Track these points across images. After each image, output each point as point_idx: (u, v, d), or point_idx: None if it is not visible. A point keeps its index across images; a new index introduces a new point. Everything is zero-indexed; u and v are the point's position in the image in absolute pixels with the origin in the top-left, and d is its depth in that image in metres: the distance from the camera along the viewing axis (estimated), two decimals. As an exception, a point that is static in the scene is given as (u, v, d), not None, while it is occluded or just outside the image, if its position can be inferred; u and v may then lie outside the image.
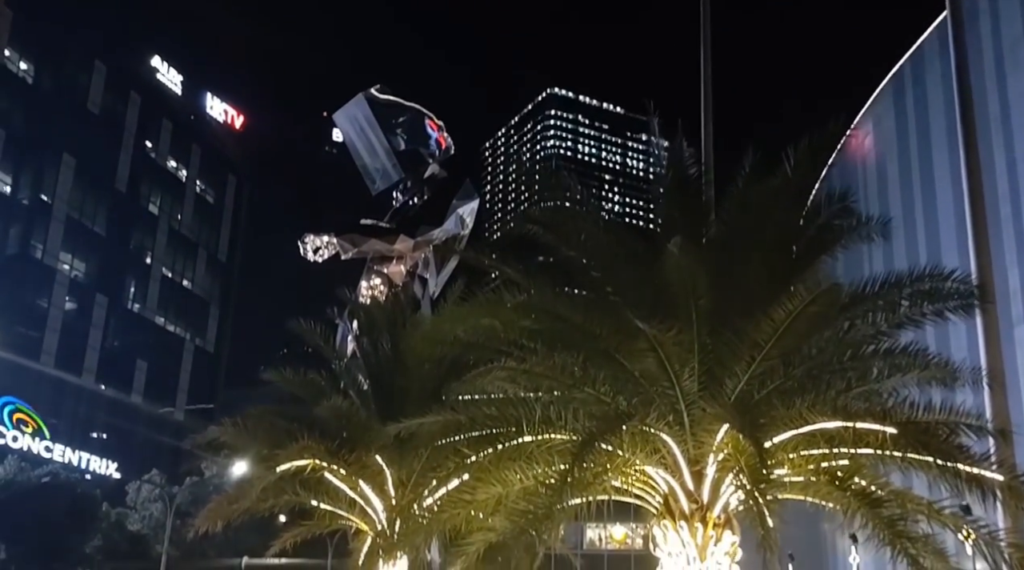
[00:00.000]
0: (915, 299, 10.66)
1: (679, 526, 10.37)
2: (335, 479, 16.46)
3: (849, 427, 9.22)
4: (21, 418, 55.64)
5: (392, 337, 17.89)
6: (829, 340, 10.70)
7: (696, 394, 9.87)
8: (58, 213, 66.84)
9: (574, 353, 10.08)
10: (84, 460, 58.58)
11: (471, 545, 10.87)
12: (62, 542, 35.54)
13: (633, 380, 10.20)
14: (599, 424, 9.37)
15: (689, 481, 10.37)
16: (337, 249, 32.15)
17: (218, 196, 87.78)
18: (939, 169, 46.19)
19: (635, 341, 9.68)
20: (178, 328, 79.73)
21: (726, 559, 10.36)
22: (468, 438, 9.91)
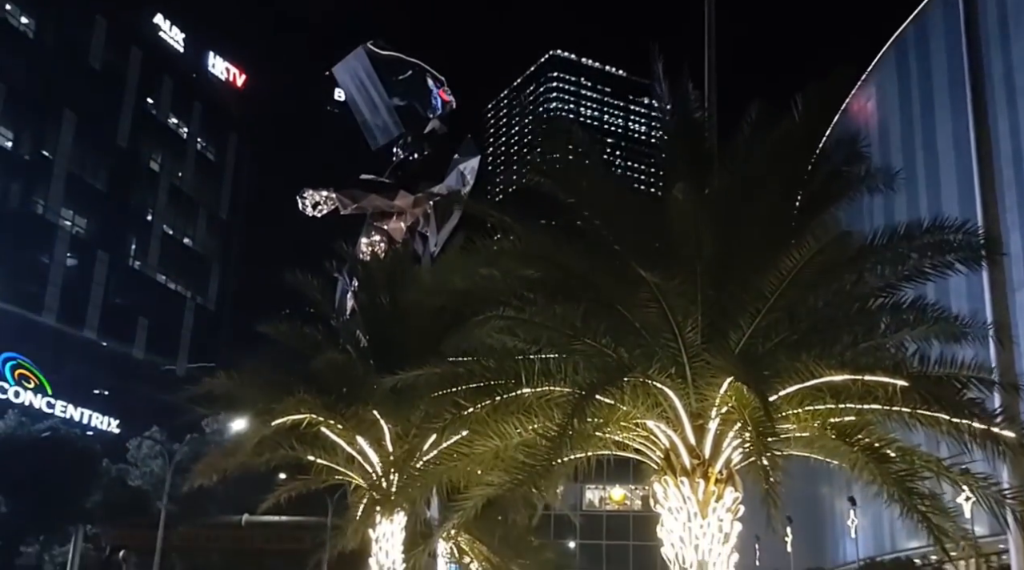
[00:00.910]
0: (925, 251, 10.32)
1: (680, 482, 10.14)
2: (332, 434, 16.29)
3: (857, 380, 8.93)
4: (23, 374, 55.76)
5: (391, 291, 17.63)
6: (836, 293, 10.39)
7: (699, 347, 9.58)
8: (59, 169, 66.51)
9: (575, 304, 9.79)
10: (86, 416, 58.81)
11: (469, 499, 10.69)
12: (62, 497, 35.61)
13: (635, 332, 9.92)
14: (599, 376, 9.09)
15: (691, 436, 10.13)
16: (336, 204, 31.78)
17: (219, 154, 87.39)
18: (941, 131, 45.81)
19: (637, 291, 9.38)
20: (179, 286, 79.73)
21: (728, 516, 10.14)
22: (466, 390, 9.64)
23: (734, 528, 10.19)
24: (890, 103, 49.18)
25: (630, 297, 9.55)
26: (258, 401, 15.81)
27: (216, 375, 16.66)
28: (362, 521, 16.22)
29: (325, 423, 15.84)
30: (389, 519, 16.57)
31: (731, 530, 10.16)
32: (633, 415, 10.06)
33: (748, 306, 9.58)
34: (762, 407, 7.91)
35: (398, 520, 16.66)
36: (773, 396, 8.60)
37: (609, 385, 9.02)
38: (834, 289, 10.36)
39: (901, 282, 10.53)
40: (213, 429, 41.15)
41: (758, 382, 8.26)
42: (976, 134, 14.41)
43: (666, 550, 10.28)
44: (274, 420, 14.98)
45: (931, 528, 8.63)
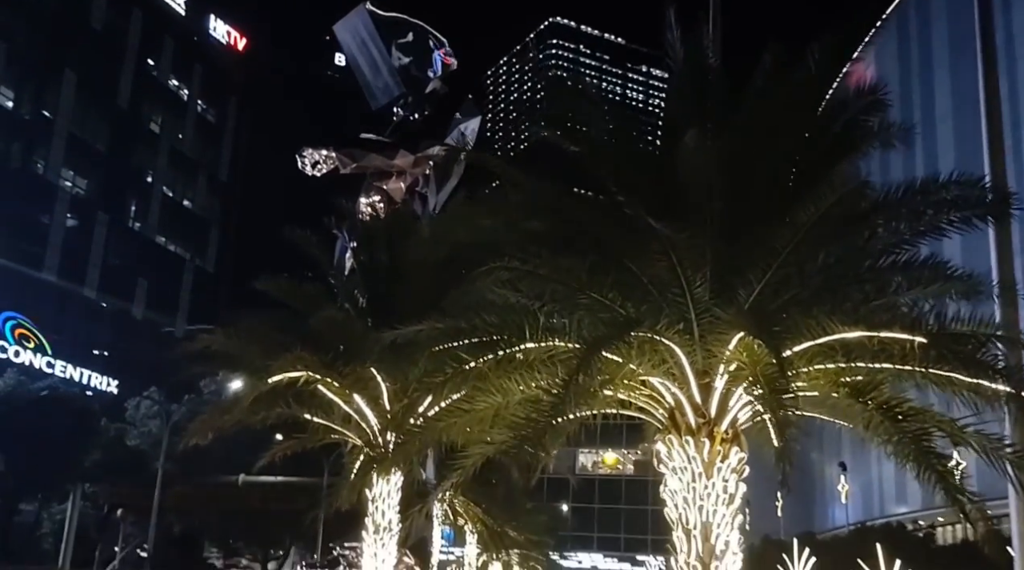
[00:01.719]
0: (941, 207, 9.97)
1: (685, 441, 9.87)
2: (329, 392, 16.03)
3: (872, 338, 8.61)
4: (23, 333, 55.71)
5: (390, 249, 17.30)
6: (849, 248, 10.05)
7: (708, 302, 9.27)
8: (59, 129, 66.05)
9: (580, 257, 9.45)
10: (85, 376, 58.85)
11: (468, 458, 10.44)
12: (61, 456, 35.56)
13: (641, 287, 9.59)
14: (606, 331, 8.77)
15: (697, 394, 9.84)
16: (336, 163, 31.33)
17: (220, 117, 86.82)
18: (940, 91, 45.48)
19: (645, 244, 9.05)
20: (179, 248, 79.55)
21: (733, 476, 9.88)
22: (467, 345, 9.34)
23: (739, 489, 9.94)
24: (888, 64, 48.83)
25: (638, 250, 9.22)
26: (254, 359, 15.53)
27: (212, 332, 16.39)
28: (358, 480, 16.02)
29: (322, 381, 15.56)
30: (386, 479, 16.37)
31: (736, 491, 9.91)
32: (638, 372, 9.78)
33: (759, 261, 9.25)
34: (775, 363, 7.61)
35: (394, 480, 16.47)
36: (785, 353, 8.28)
37: (615, 340, 8.70)
38: (847, 245, 10.02)
39: (916, 237, 10.19)
40: (211, 390, 41.05)
41: (771, 337, 7.95)
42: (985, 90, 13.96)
43: (669, 511, 10.03)
44: (270, 378, 14.70)
45: (948, 488, 8.37)
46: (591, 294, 9.24)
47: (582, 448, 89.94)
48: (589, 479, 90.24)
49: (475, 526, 45.00)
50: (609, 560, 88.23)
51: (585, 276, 9.31)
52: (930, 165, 39.64)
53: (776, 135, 9.83)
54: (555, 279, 9.36)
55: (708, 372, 9.73)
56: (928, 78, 47.57)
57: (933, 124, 43.30)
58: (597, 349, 8.36)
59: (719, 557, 9.64)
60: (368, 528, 16.59)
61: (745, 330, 8.50)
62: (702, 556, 9.62)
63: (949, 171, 10.16)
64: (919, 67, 49.22)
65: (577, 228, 9.77)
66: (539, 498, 54.19)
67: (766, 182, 9.70)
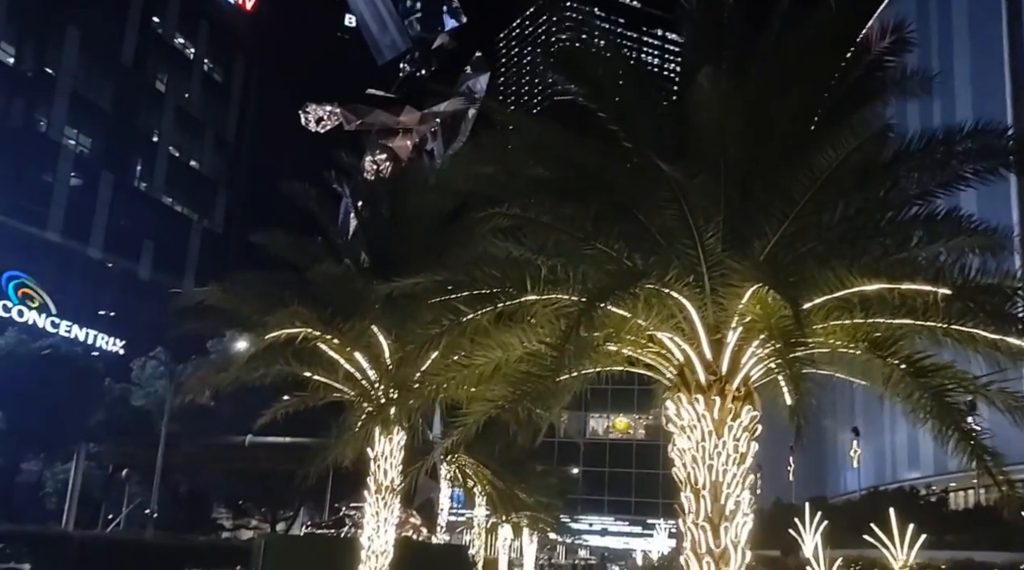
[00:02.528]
0: (965, 157, 9.44)
1: (694, 399, 9.46)
2: (329, 349, 15.66)
3: (894, 290, 8.13)
4: (27, 293, 55.47)
5: (392, 205, 16.84)
6: (868, 200, 9.54)
7: (720, 254, 8.80)
8: (62, 87, 65.29)
9: (585, 205, 8.97)
10: (91, 336, 58.69)
11: (469, 416, 10.06)
12: (64, 415, 35.43)
13: (649, 238, 9.12)
14: (611, 281, 8.31)
15: (707, 350, 9.40)
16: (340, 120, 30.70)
17: (226, 76, 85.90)
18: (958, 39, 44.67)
19: (655, 191, 8.56)
20: (185, 208, 79.12)
21: (745, 435, 9.47)
22: (467, 297, 8.90)
23: (751, 448, 9.54)
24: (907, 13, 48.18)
25: (647, 198, 8.73)
26: (251, 314, 15.14)
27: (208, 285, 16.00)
28: (359, 439, 15.70)
29: (321, 338, 15.18)
30: (388, 438, 16.07)
31: (748, 450, 9.51)
32: (646, 327, 9.34)
33: (775, 210, 8.76)
34: (792, 314, 7.16)
35: (397, 439, 16.16)
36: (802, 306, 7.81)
37: (621, 290, 8.24)
38: (866, 196, 9.50)
39: (938, 189, 9.67)
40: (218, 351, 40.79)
41: (788, 288, 7.49)
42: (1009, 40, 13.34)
43: (677, 471, 9.65)
44: (267, 334, 14.32)
45: (972, 447, 7.94)
46: (596, 245, 8.77)
47: (593, 412, 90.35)
48: (600, 443, 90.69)
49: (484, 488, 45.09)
50: (620, 523, 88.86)
51: (590, 225, 8.83)
52: (948, 116, 39.03)
53: (794, 79, 9.28)
54: (558, 228, 8.88)
55: (719, 327, 9.30)
56: (946, 28, 46.67)
57: (951, 74, 42.55)
58: (600, 300, 7.91)
59: (729, 518, 9.28)
60: (370, 487, 16.32)
61: (760, 281, 8.04)
62: (711, 516, 9.26)
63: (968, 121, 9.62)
64: (937, 17, 48.32)
65: (583, 175, 9.27)
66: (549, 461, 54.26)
67: (784, 127, 9.17)
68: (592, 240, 8.76)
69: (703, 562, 9.21)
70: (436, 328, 8.80)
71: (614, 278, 8.36)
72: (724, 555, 9.19)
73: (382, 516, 16.19)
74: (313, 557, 21.72)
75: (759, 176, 8.94)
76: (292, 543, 28.05)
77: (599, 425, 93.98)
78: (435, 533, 32.61)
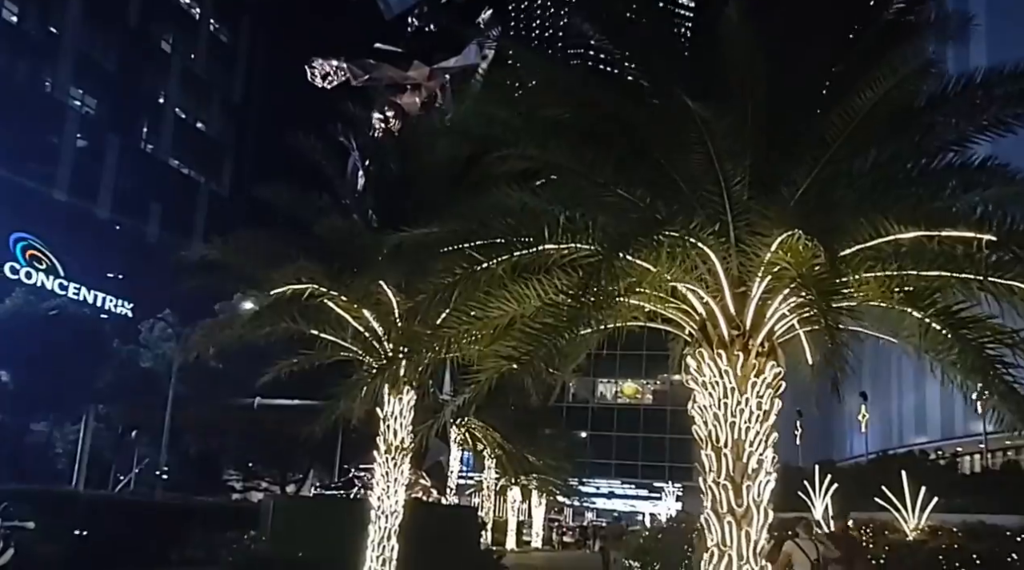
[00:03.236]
0: (1008, 101, 8.93)
1: (717, 354, 9.06)
2: (336, 307, 15.28)
3: (932, 237, 7.67)
4: (34, 254, 55.13)
5: (400, 158, 16.37)
6: (902, 146, 9.06)
7: (746, 202, 8.35)
8: (67, 47, 64.48)
9: (606, 150, 8.49)
10: (99, 299, 58.51)
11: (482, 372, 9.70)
12: (72, 376, 35.23)
13: (672, 185, 8.67)
14: (633, 227, 7.85)
15: (731, 304, 9.00)
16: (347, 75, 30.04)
17: (233, 37, 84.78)
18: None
19: (678, 135, 8.09)
20: (192, 171, 78.51)
21: (768, 392, 9.09)
22: (481, 246, 8.46)
23: (774, 405, 9.17)
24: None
25: (670, 143, 8.27)
26: (257, 270, 14.73)
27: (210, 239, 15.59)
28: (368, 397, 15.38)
29: (328, 295, 14.79)
30: (397, 398, 15.75)
31: (771, 407, 9.14)
32: (667, 279, 8.91)
33: (805, 156, 8.29)
34: (827, 262, 6.72)
35: (407, 399, 15.84)
36: (835, 253, 7.34)
37: (644, 237, 7.79)
38: (900, 142, 9.02)
39: (976, 134, 9.17)
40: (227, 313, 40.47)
41: (823, 233, 7.03)
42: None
43: (698, 428, 9.29)
44: (272, 290, 13.93)
45: (1019, 402, 7.51)
46: (617, 191, 8.32)
47: (601, 378, 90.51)
48: (608, 408, 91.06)
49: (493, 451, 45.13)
50: (626, 486, 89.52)
51: (611, 170, 8.36)
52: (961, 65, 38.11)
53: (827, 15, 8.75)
54: (577, 171, 8.42)
55: (744, 280, 8.87)
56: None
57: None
58: (622, 248, 7.47)
59: (751, 476, 8.93)
60: (380, 447, 16.04)
61: (793, 227, 7.57)
62: (733, 475, 8.91)
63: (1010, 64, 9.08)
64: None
65: (604, 118, 8.79)
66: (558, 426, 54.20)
67: (816, 66, 8.66)
68: (613, 186, 8.31)
69: (724, 521, 8.89)
70: (449, 277, 8.37)
71: (637, 225, 7.90)
72: (746, 514, 8.86)
73: (392, 476, 15.92)
74: (322, 518, 21.56)
75: (788, 119, 8.45)
76: (301, 504, 27.94)
77: (608, 390, 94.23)
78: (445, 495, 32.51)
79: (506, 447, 43.85)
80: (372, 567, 15.66)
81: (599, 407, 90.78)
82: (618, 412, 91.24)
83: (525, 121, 9.07)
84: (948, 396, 51.35)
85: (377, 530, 15.78)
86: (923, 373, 38.60)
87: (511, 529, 51.29)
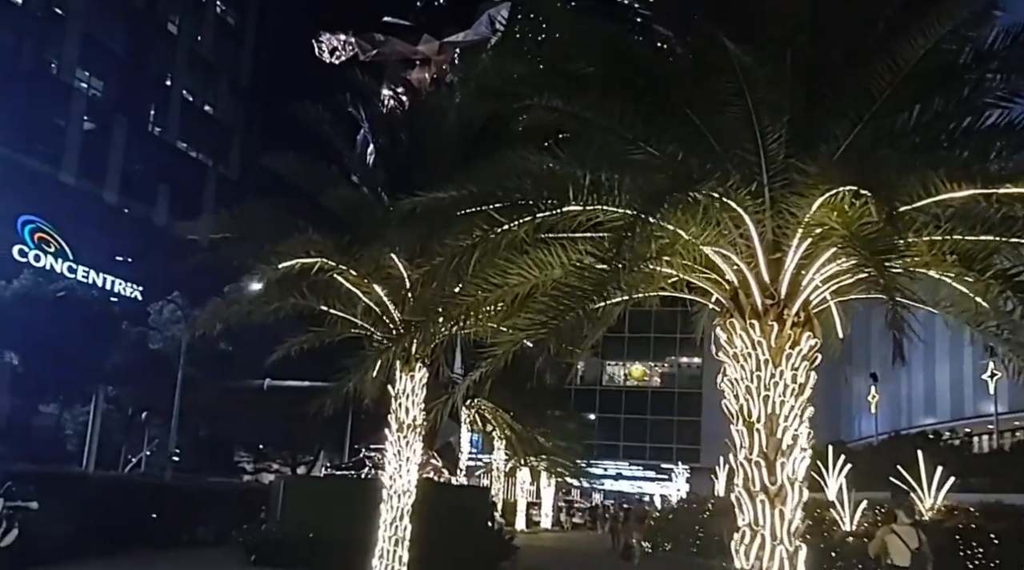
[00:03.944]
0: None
1: (749, 324, 8.56)
2: (346, 281, 14.80)
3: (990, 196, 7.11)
4: (43, 237, 54.89)
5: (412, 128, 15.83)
6: (948, 102, 8.50)
7: (783, 161, 7.82)
8: (73, 28, 63.95)
9: (635, 104, 7.95)
10: (108, 282, 58.31)
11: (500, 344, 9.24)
12: (81, 358, 34.98)
13: (703, 142, 8.14)
14: (668, 184, 7.31)
15: (764, 271, 8.49)
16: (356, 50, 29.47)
17: (239, 20, 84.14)
18: None
19: (712, 87, 7.56)
20: (200, 154, 78.05)
21: (804, 364, 8.60)
22: (502, 208, 7.95)
23: (810, 379, 8.68)
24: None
25: (704, 96, 7.72)
26: (264, 243, 14.24)
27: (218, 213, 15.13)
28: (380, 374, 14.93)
29: (337, 269, 14.31)
30: (409, 374, 15.29)
31: (807, 381, 8.64)
32: (696, 244, 8.38)
33: (848, 111, 7.75)
34: (884, 217, 6.19)
35: (419, 376, 15.38)
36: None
37: (680, 193, 7.24)
38: (947, 98, 8.46)
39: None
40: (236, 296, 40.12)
41: (880, 186, 6.49)
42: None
43: (728, 402, 8.79)
44: (280, 263, 13.45)
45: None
46: (647, 148, 7.78)
47: (609, 360, 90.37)
48: (616, 390, 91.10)
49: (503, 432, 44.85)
50: (634, 468, 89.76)
51: (640, 125, 7.83)
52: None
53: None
54: (604, 126, 7.88)
55: (779, 244, 8.36)
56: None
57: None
58: (656, 205, 6.94)
59: (785, 453, 8.44)
60: (391, 426, 15.60)
61: (845, 183, 7.02)
62: (766, 451, 8.42)
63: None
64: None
65: (631, 69, 8.24)
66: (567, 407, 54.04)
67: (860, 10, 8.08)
68: (642, 142, 7.77)
69: (757, 500, 8.40)
70: (468, 240, 7.86)
71: (672, 182, 7.34)
72: (780, 492, 8.38)
73: (404, 455, 15.49)
74: (333, 498, 21.25)
75: (830, 70, 7.89)
76: (311, 485, 27.65)
77: (616, 372, 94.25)
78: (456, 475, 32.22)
79: (516, 428, 43.59)
80: (384, 547, 15.27)
81: (607, 389, 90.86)
82: (626, 394, 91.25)
83: (548, 76, 8.53)
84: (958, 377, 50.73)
85: (389, 510, 15.38)
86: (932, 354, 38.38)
87: (520, 510, 51.18)
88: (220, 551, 22.22)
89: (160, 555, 22.64)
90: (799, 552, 8.37)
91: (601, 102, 7.78)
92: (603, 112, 7.79)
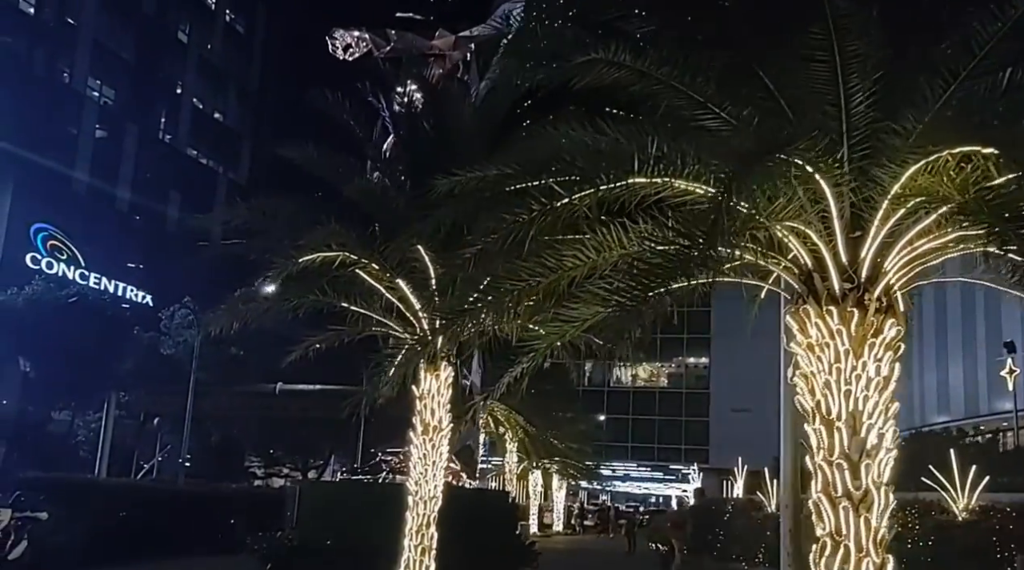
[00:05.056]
0: None
1: (827, 311, 7.71)
2: (368, 277, 14.01)
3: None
4: (55, 245, 54.66)
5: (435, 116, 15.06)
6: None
7: (869, 126, 6.98)
8: (84, 37, 63.76)
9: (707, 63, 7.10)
10: (120, 288, 58.02)
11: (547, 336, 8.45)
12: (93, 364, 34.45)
13: (777, 109, 7.31)
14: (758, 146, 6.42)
15: (843, 251, 7.65)
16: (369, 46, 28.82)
17: (248, 27, 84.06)
18: None
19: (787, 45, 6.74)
20: (211, 161, 77.84)
21: (888, 355, 7.74)
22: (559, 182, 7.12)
23: (894, 371, 7.82)
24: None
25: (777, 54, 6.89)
26: (283, 236, 13.48)
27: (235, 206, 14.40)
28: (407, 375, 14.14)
29: (360, 263, 13.52)
30: (435, 374, 14.48)
31: (891, 374, 7.78)
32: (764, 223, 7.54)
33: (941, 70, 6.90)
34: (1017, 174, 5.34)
35: (444, 375, 14.56)
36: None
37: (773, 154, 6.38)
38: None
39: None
40: (247, 298, 39.54)
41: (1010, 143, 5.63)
42: None
43: (802, 399, 7.94)
44: (301, 258, 12.69)
45: None
46: (721, 112, 6.95)
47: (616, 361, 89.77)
48: (623, 391, 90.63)
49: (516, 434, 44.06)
50: (643, 469, 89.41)
51: (714, 87, 7.00)
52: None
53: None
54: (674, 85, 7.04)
55: (860, 220, 7.52)
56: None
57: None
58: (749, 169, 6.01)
59: (870, 454, 7.56)
60: (416, 428, 14.77)
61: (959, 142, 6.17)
62: (848, 452, 7.55)
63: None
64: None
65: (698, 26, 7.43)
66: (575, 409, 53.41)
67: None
68: (716, 105, 6.93)
69: (839, 506, 7.52)
70: (525, 214, 7.02)
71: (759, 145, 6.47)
72: (865, 498, 7.51)
73: (430, 459, 14.66)
74: (350, 503, 20.42)
75: (920, 23, 7.06)
76: (327, 490, 26.82)
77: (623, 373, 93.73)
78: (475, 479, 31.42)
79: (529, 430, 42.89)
80: (411, 557, 14.44)
81: (614, 390, 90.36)
82: (634, 395, 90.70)
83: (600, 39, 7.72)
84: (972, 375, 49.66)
85: (415, 517, 14.55)
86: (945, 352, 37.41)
87: (532, 513, 50.49)
88: (235, 560, 21.46)
89: (174, 564, 21.99)
90: (887, 566, 7.51)
91: (675, 56, 6.93)
92: (676, 70, 6.95)
